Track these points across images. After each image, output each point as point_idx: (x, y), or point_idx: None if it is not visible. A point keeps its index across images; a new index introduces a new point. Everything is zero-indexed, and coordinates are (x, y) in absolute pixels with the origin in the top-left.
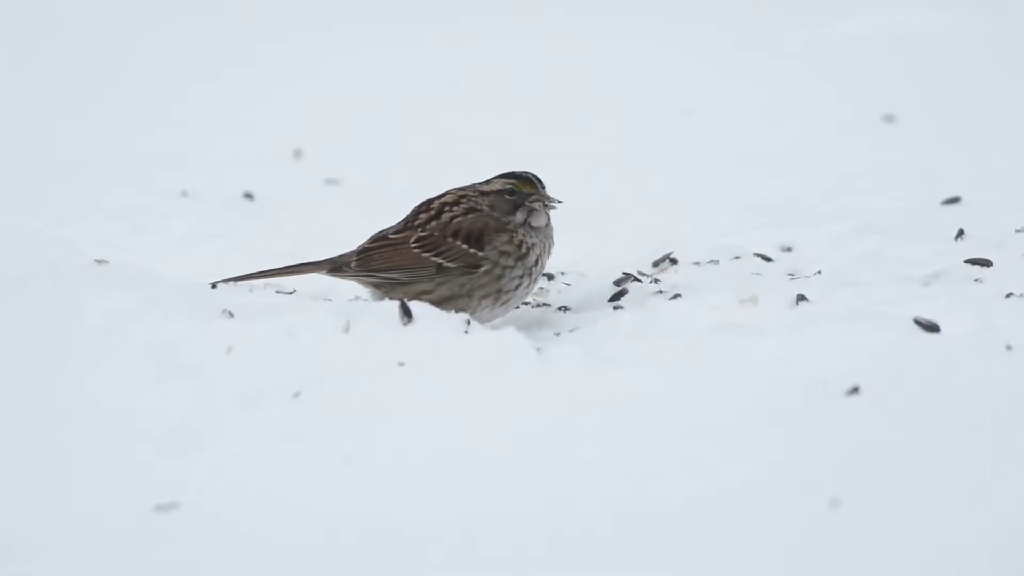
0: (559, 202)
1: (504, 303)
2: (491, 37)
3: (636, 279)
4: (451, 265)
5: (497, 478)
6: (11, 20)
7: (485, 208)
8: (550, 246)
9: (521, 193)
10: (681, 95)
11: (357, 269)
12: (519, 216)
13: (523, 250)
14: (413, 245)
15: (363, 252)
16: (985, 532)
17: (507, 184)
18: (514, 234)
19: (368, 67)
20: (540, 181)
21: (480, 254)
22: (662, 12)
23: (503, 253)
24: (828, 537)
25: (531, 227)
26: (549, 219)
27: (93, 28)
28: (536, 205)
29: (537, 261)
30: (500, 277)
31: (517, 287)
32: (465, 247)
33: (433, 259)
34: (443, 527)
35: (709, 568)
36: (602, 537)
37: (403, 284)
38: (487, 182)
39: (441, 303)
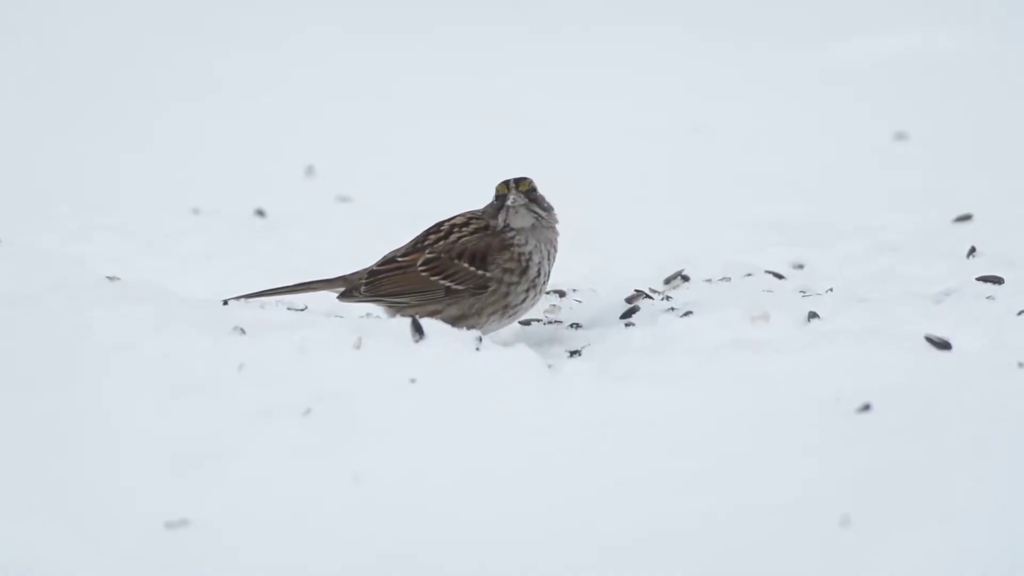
0: (523, 199)
1: (512, 315)
2: (503, 56)
3: (648, 296)
4: (459, 288)
5: (510, 497)
6: (25, 37)
7: (486, 219)
8: (552, 252)
9: (502, 196)
10: (693, 112)
11: (367, 294)
12: (500, 219)
13: (523, 263)
14: (420, 268)
15: (372, 275)
16: (997, 551)
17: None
18: (512, 248)
19: (378, 84)
20: (522, 181)
21: (487, 275)
22: (676, 27)
23: (507, 270)
24: (840, 555)
25: (511, 228)
26: (540, 221)
27: (109, 46)
28: (511, 203)
29: (539, 271)
30: (507, 294)
31: (524, 300)
32: (472, 268)
33: (441, 283)
34: (457, 546)
35: None
36: (618, 556)
37: (413, 306)
38: None
39: (451, 322)
